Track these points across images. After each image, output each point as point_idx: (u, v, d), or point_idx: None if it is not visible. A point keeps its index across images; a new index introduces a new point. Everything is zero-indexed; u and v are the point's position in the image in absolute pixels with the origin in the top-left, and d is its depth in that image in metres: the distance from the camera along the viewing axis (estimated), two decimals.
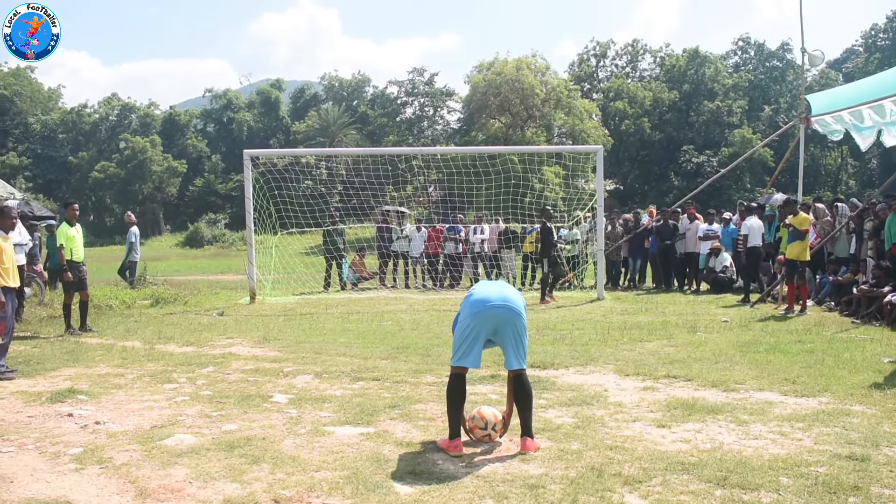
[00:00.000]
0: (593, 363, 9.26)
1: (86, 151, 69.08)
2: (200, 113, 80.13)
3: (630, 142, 62.93)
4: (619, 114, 63.64)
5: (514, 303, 5.87)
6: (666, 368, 8.78)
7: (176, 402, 7.67)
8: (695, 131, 64.12)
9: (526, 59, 55.09)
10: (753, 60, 70.83)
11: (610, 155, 53.96)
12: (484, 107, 55.06)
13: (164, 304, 17.07)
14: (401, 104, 68.39)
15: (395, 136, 64.26)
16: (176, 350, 10.93)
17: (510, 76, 52.71)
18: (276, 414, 7.08)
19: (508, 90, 52.63)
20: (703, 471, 5.31)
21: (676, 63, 67.91)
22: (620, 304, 16.19)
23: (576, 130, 53.96)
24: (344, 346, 10.85)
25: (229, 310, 16.02)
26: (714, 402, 7.22)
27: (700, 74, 66.51)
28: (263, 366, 9.45)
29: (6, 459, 5.90)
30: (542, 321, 13.36)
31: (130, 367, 9.59)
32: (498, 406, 6.66)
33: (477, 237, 20.43)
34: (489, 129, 55.52)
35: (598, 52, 71.61)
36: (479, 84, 54.63)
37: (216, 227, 61.97)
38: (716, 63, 67.72)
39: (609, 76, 71.47)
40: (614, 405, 7.21)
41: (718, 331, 11.80)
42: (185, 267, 35.53)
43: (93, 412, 7.30)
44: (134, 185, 65.85)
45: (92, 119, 72.53)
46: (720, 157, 58.70)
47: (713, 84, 66.02)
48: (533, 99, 53.40)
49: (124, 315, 15.29)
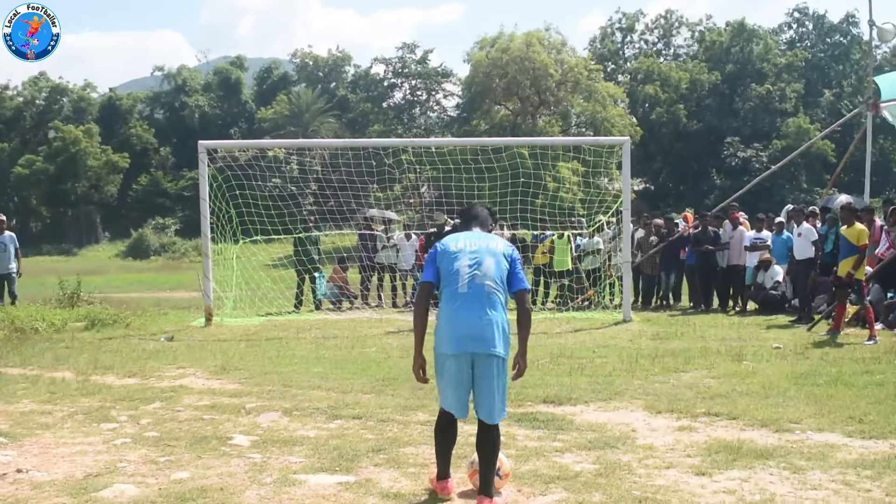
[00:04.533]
0: (619, 398, 9.25)
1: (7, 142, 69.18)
2: (147, 96, 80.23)
3: (662, 133, 63.07)
4: (650, 99, 63.82)
5: (492, 342, 5.83)
6: (706, 404, 8.77)
7: (115, 445, 7.65)
8: (740, 120, 64.28)
9: (538, 33, 55.20)
10: (811, 35, 71.21)
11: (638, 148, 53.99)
12: (487, 90, 55.17)
13: (101, 326, 17.00)
14: (388, 87, 68.56)
15: (382, 126, 64.43)
16: (116, 382, 10.90)
17: (519, 54, 52.79)
18: (236, 459, 7.06)
19: (517, 70, 52.71)
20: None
21: (718, 38, 68.16)
22: (651, 326, 16.19)
23: (598, 119, 54.02)
24: (319, 378, 10.83)
25: (180, 334, 15.98)
26: (764, 444, 7.21)
27: (747, 52, 66.74)
28: (221, 401, 9.43)
29: None
30: (557, 347, 13.35)
31: (60, 403, 9.56)
32: (503, 450, 6.65)
33: None
34: (493, 118, 55.67)
35: (625, 26, 71.90)
36: (481, 63, 54.71)
37: (165, 235, 62.01)
38: (766, 38, 67.98)
39: (637, 54, 71.73)
40: (644, 448, 7.21)
41: (769, 359, 11.79)
42: (128, 282, 35.48)
43: (14, 458, 7.27)
44: (65, 184, 65.88)
45: (14, 103, 72.60)
46: (771, 152, 58.84)
47: (763, 64, 66.24)
48: (546, 81, 53.49)
49: (53, 340, 15.22)
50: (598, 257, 20.15)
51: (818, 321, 15.21)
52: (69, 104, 74.13)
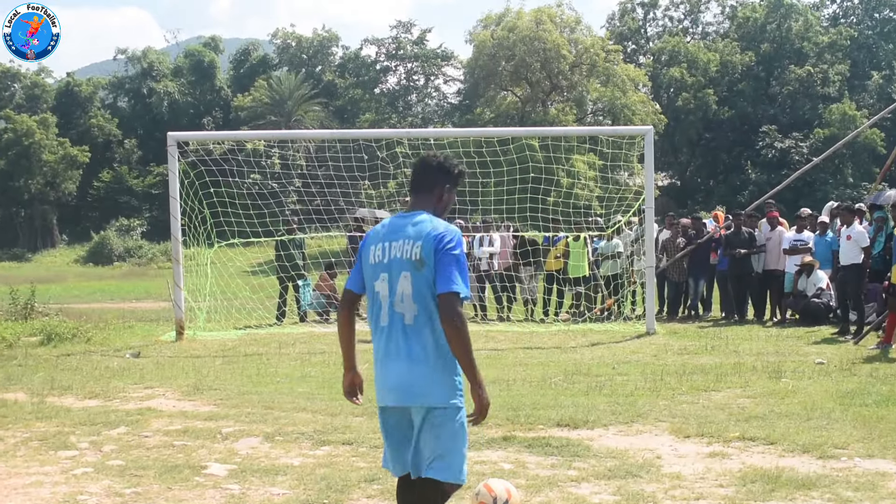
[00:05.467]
0: (641, 420, 9.26)
1: None
2: (109, 82, 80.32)
3: (690, 121, 63.06)
4: (675, 84, 63.83)
5: (422, 392, 5.02)
6: (740, 427, 8.77)
7: (75, 475, 7.67)
8: (778, 107, 64.34)
9: (548, 9, 55.36)
10: (858, 10, 71.26)
11: (662, 139, 54.14)
12: (492, 74, 55.29)
13: (58, 341, 17.03)
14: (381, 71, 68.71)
15: (374, 115, 64.52)
16: (75, 404, 10.91)
17: (527, 33, 52.89)
18: (211, 491, 7.08)
19: (525, 52, 52.80)
20: None
21: (752, 15, 68.14)
22: (677, 339, 16.20)
23: (616, 106, 54.11)
24: (304, 398, 10.84)
25: (148, 349, 16.01)
26: (806, 473, 7.21)
27: (785, 30, 66.75)
28: (195, 425, 9.44)
29: None
30: (572, 364, 13.37)
31: (12, 427, 9.58)
32: (512, 479, 6.65)
33: (483, 250, 20.41)
34: (499, 105, 55.78)
35: (647, 1, 71.88)
36: (485, 44, 54.83)
37: (130, 238, 62.09)
38: (806, 14, 68.00)
39: (661, 33, 71.80)
40: (670, 477, 7.21)
41: (811, 376, 11.80)
42: (88, 291, 35.50)
43: None
44: (17, 180, 65.92)
45: None
46: (812, 142, 58.86)
47: (803, 43, 66.26)
48: (558, 64, 53.58)
49: (3, 357, 15.27)
50: (618, 262, 20.12)
51: (867, 333, 15.19)
52: (21, 91, 74.31)
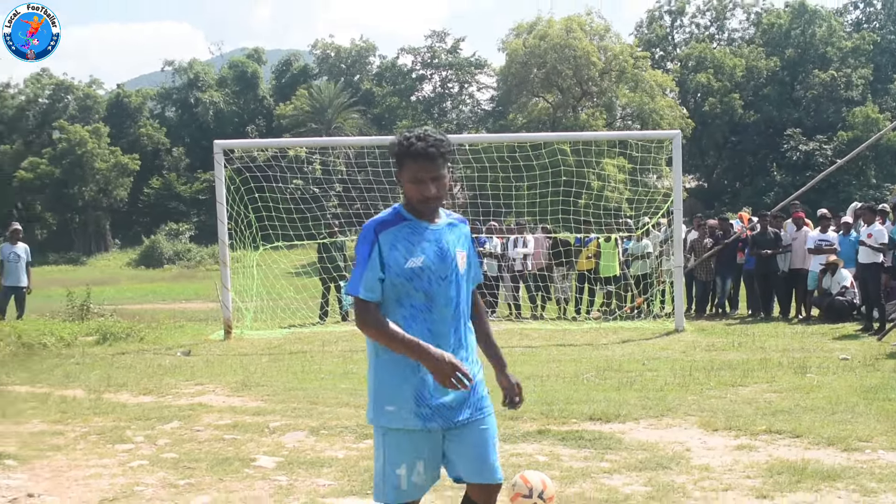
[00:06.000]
0: (671, 414, 9.25)
1: (9, 144, 69.82)
2: (158, 93, 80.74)
3: (716, 125, 62.71)
4: (702, 89, 63.45)
5: None
6: (767, 421, 8.74)
7: (131, 467, 7.74)
8: (802, 110, 63.84)
9: (578, 17, 55.18)
10: (881, 15, 70.54)
11: (690, 142, 53.90)
12: (524, 81, 55.18)
13: (113, 340, 17.15)
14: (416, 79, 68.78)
15: (410, 121, 64.52)
16: (130, 400, 11.01)
17: (558, 41, 52.77)
18: (260, 482, 7.14)
19: (556, 59, 52.69)
20: None
21: (777, 21, 67.64)
22: (706, 336, 16.13)
23: (645, 111, 53.85)
24: (347, 394, 10.87)
25: (198, 348, 16.11)
26: (831, 465, 7.18)
27: (809, 35, 66.21)
28: (243, 420, 9.51)
29: None
30: (604, 360, 13.35)
31: (72, 422, 9.67)
32: (547, 471, 6.68)
33: (517, 251, 20.42)
34: (531, 111, 55.63)
35: (674, 9, 71.51)
36: (517, 52, 54.73)
37: (179, 241, 62.41)
38: (830, 20, 67.41)
39: (688, 40, 71.36)
40: (699, 469, 7.21)
41: (836, 371, 11.73)
42: (141, 293, 35.76)
43: (24, 482, 7.38)
44: (72, 188, 66.37)
45: (16, 102, 73.33)
46: (836, 144, 58.31)
47: (826, 48, 65.70)
48: (588, 70, 53.44)
49: (62, 356, 15.39)
50: (648, 262, 20.09)
51: (890, 329, 15.08)
52: (74, 102, 74.67)
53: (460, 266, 4.45)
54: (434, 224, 4.47)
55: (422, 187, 4.31)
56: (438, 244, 4.41)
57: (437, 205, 4.44)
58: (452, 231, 4.53)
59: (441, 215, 4.53)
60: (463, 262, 4.48)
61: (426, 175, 4.30)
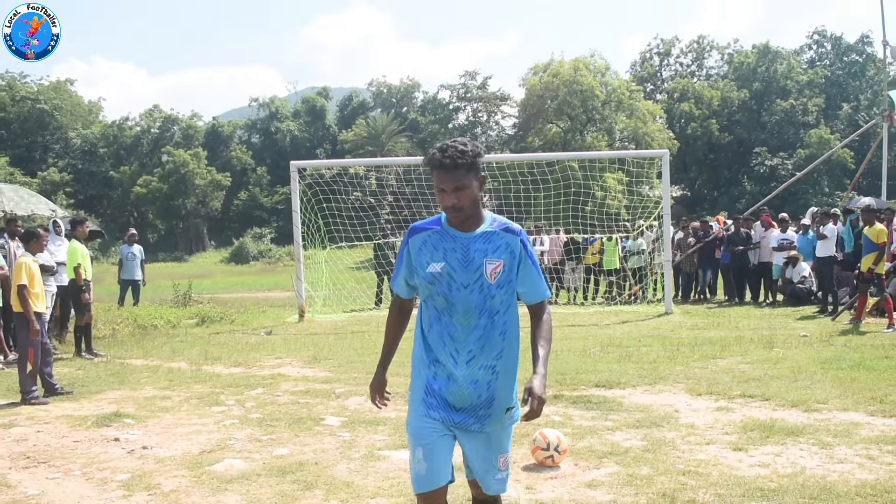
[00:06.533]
0: (662, 382, 9.18)
1: (127, 165, 70.44)
2: (245, 123, 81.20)
3: (697, 145, 62.28)
4: (686, 116, 63.03)
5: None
6: (741, 387, 8.66)
7: (225, 425, 7.78)
8: (767, 132, 63.22)
9: (584, 59, 54.97)
10: (830, 55, 69.64)
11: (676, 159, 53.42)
12: (541, 111, 55.04)
13: (210, 323, 17.32)
14: (453, 110, 68.72)
15: None
16: (223, 371, 11.08)
17: (568, 78, 52.64)
18: (328, 437, 7.15)
19: (566, 93, 52.56)
20: (784, 497, 5.23)
21: (746, 60, 67.05)
22: (690, 318, 16.02)
23: (639, 134, 53.58)
24: (398, 366, 10.82)
25: (277, 328, 16.20)
26: (794, 423, 7.10)
27: (772, 71, 65.58)
28: (314, 387, 9.53)
29: (53, 486, 6.05)
30: (606, 337, 13.28)
31: (177, 389, 9.76)
32: (561, 429, 6.64)
33: (536, 248, 20.38)
34: (546, 135, 55.44)
35: (662, 51, 71.05)
36: (535, 87, 54.63)
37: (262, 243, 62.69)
38: (789, 59, 66.71)
39: (674, 75, 70.84)
40: (686, 427, 7.14)
41: (797, 346, 11.59)
42: (231, 284, 36.02)
43: (140, 436, 7.44)
44: (177, 200, 66.93)
45: (133, 132, 73.95)
46: (796, 160, 57.77)
47: (786, 81, 65.03)
48: (592, 101, 53.24)
49: (170, 335, 15.55)
50: (642, 257, 19.97)
51: (841, 312, 14.92)
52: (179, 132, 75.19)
53: (489, 275, 3.74)
54: (468, 232, 3.81)
55: (441, 196, 3.76)
56: (465, 252, 3.78)
57: (460, 214, 3.76)
58: (489, 240, 3.82)
59: (484, 223, 3.85)
60: (496, 271, 3.75)
61: (445, 185, 3.72)
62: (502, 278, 3.79)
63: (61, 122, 71.49)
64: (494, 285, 3.77)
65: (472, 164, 3.70)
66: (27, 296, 9.36)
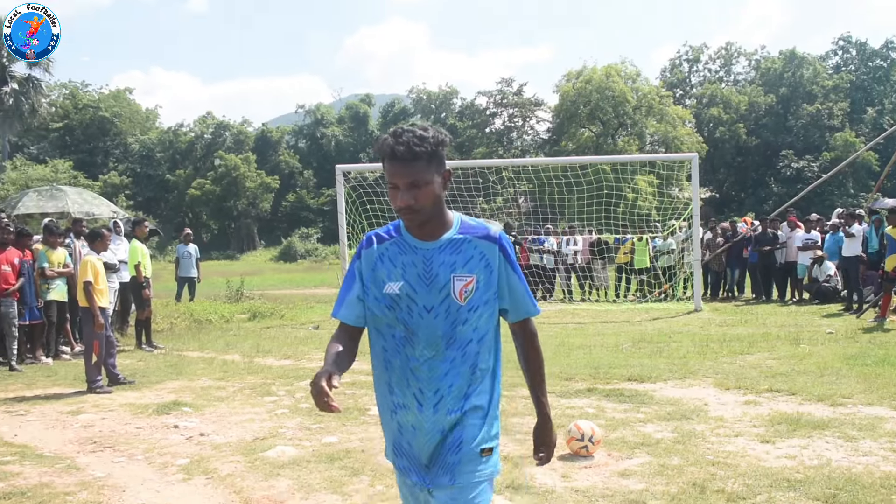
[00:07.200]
0: (692, 376, 9.13)
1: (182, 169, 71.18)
2: (292, 129, 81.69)
3: (725, 148, 61.63)
4: (714, 120, 62.41)
5: None
6: (768, 382, 8.59)
7: (276, 414, 7.88)
8: (794, 136, 62.40)
9: (615, 66, 54.62)
10: (855, 60, 68.58)
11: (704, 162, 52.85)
12: (574, 116, 54.78)
13: (261, 318, 17.47)
14: (490, 115, 68.51)
15: (485, 148, 64.40)
16: (274, 363, 11.20)
17: (600, 84, 52.36)
18: (373, 427, 7.20)
19: (598, 98, 52.28)
20: (810, 488, 5.20)
21: (773, 66, 66.28)
22: (719, 315, 15.89)
23: (669, 138, 53.14)
24: None
25: (325, 323, 16.29)
26: (820, 417, 7.04)
27: (798, 77, 64.74)
28: (359, 378, 9.59)
29: (118, 469, 6.18)
30: (638, 333, 13.23)
31: (231, 380, 9.88)
32: (595, 420, 6.64)
33: (570, 248, 20.34)
34: (579, 139, 55.17)
35: (691, 57, 70.43)
36: (568, 93, 54.41)
37: (309, 242, 62.99)
38: (814, 64, 65.82)
39: (702, 81, 70.17)
40: (715, 420, 7.11)
41: (823, 343, 11.47)
42: (280, 281, 36.26)
43: (197, 424, 7.56)
44: (228, 202, 67.51)
45: (188, 138, 74.69)
46: (821, 162, 56.98)
47: (812, 86, 64.16)
48: (624, 106, 52.88)
49: (223, 329, 15.73)
50: (672, 256, 19.85)
51: (866, 309, 14.73)
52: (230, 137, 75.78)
53: (457, 295, 2.77)
54: (430, 241, 2.85)
55: (393, 195, 2.79)
56: (426, 266, 2.81)
57: (417, 218, 2.80)
58: (458, 250, 2.82)
59: (451, 229, 2.87)
60: (466, 289, 2.77)
61: (398, 180, 2.76)
62: (476, 298, 2.81)
63: (121, 129, 72.48)
64: (465, 307, 2.79)
65: (434, 155, 2.79)
66: (92, 292, 9.55)
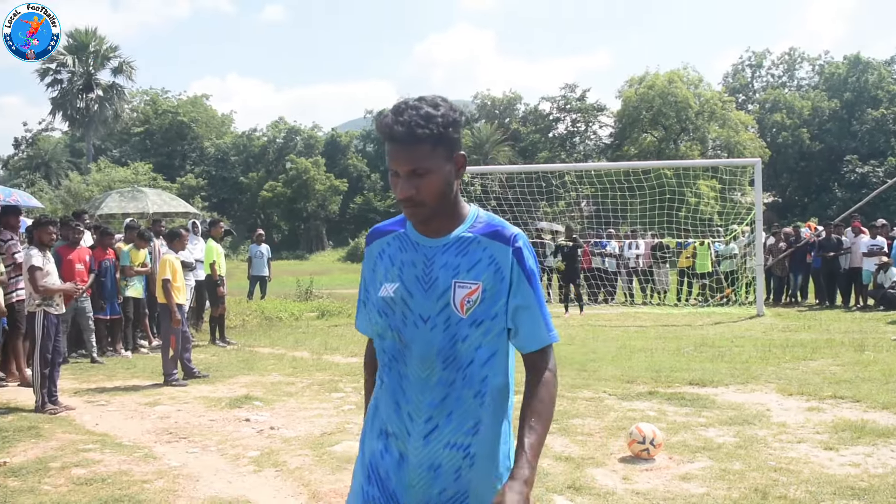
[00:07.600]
0: (754, 381, 8.94)
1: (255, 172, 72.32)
2: (361, 134, 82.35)
3: (788, 153, 60.34)
4: (777, 125, 61.17)
5: None
6: (832, 388, 8.36)
7: (343, 410, 7.93)
8: (858, 140, 60.74)
9: (678, 71, 53.94)
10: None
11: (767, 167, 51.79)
12: (636, 121, 54.25)
13: (329, 316, 17.63)
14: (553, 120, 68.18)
15: (548, 152, 64.13)
16: (342, 360, 11.29)
17: (662, 89, 51.76)
18: None
19: (661, 104, 51.67)
20: (875, 496, 5.04)
21: (836, 71, 64.68)
22: (781, 320, 15.54)
23: (731, 143, 52.28)
24: None
25: None
26: (885, 425, 6.82)
27: (862, 81, 63.02)
28: None
29: (192, 459, 6.28)
30: (699, 337, 13.01)
31: (300, 376, 9.99)
32: (656, 423, 6.54)
33: (632, 252, 20.12)
34: (641, 144, 54.59)
35: (754, 63, 69.17)
36: (630, 98, 53.90)
37: None
38: (879, 69, 63.98)
39: (765, 86, 68.83)
40: (777, 425, 6.94)
41: (888, 350, 11.12)
42: (347, 280, 36.56)
43: (267, 418, 7.65)
44: (299, 204, 68.39)
45: (261, 142, 75.88)
46: (886, 167, 55.37)
47: (877, 91, 62.36)
48: (686, 112, 52.16)
49: (293, 327, 15.91)
50: (734, 261, 19.51)
51: None
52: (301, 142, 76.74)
53: (458, 305, 2.24)
54: (435, 238, 2.32)
55: (394, 183, 2.25)
56: (425, 269, 2.30)
57: (420, 212, 2.25)
58: (464, 251, 2.30)
59: (462, 225, 2.34)
60: (470, 299, 2.25)
61: (398, 166, 2.21)
62: (480, 311, 2.27)
63: (197, 133, 74.01)
64: (467, 321, 2.27)
65: (442, 137, 2.22)
66: (170, 289, 9.76)
